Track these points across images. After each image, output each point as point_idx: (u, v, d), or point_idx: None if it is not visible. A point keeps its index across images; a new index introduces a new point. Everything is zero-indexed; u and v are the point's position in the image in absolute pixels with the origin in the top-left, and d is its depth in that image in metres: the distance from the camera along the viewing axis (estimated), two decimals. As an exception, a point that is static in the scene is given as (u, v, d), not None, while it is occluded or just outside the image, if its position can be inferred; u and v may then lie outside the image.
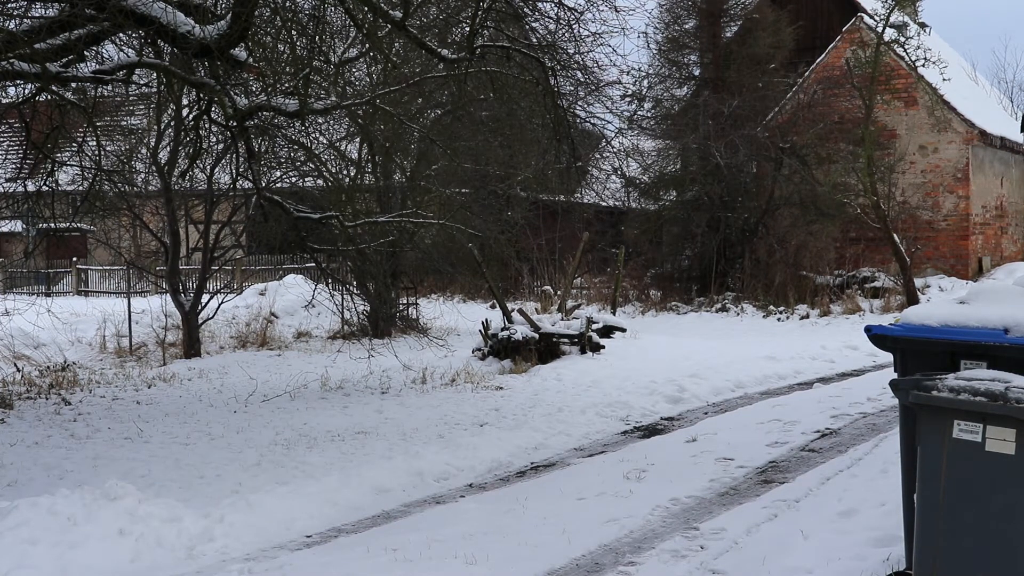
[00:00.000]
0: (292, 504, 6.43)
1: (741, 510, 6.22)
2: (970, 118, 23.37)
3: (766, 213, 22.71)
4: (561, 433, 8.87)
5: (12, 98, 11.01)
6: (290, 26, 9.05)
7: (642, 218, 25.48)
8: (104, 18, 7.31)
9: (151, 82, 12.92)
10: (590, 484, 6.95)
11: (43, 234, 17.23)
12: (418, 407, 10.27)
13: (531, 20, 12.26)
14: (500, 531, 5.84)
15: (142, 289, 21.30)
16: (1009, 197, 25.89)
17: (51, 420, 10.06)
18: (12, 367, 13.14)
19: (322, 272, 14.63)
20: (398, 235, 14.74)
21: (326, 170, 16.26)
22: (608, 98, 21.85)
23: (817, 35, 26.14)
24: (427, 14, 11.88)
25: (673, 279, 24.09)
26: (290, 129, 13.32)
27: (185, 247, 18.47)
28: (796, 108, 23.41)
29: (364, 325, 16.90)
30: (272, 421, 9.71)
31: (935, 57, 19.74)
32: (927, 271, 23.00)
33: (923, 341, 4.52)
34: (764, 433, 8.69)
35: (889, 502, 5.62)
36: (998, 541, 3.86)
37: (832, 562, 4.97)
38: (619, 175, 25.92)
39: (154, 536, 5.74)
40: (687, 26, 24.89)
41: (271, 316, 18.08)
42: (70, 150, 12.81)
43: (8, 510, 5.79)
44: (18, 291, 24.78)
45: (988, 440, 3.86)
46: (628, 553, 5.42)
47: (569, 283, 16.15)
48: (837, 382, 11.85)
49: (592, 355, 13.27)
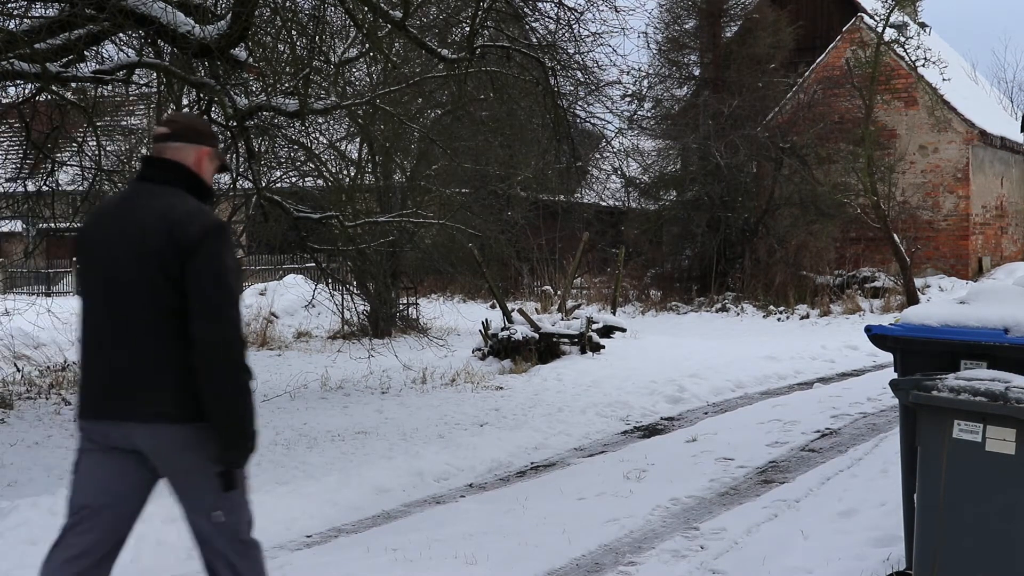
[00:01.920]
0: (292, 504, 6.43)
1: (741, 510, 6.23)
2: (970, 118, 23.38)
3: (766, 213, 22.72)
4: (561, 433, 8.87)
5: (12, 98, 11.01)
6: (290, 26, 9.06)
7: (642, 218, 25.49)
8: (104, 18, 7.32)
9: (151, 82, 12.89)
10: (590, 484, 6.95)
11: (43, 234, 17.20)
12: (418, 407, 10.27)
13: (531, 20, 12.27)
14: (500, 531, 5.84)
15: (142, 289, 21.26)
16: (1009, 197, 25.89)
17: (51, 420, 10.06)
18: (12, 367, 13.13)
19: (322, 272, 14.62)
20: (398, 235, 14.76)
21: (326, 170, 16.26)
22: (608, 98, 21.81)
23: (817, 35, 26.14)
24: (427, 14, 11.89)
25: (673, 279, 24.10)
26: (290, 129, 13.32)
27: (185, 247, 18.44)
28: (796, 108, 23.41)
29: (364, 325, 16.90)
30: (272, 421, 9.70)
31: (935, 57, 19.75)
32: (927, 271, 23.01)
33: (923, 341, 4.52)
34: (764, 433, 8.70)
35: (889, 502, 5.62)
36: (998, 541, 3.86)
37: (832, 562, 4.97)
38: (619, 175, 25.93)
39: (154, 536, 5.73)
40: (687, 26, 24.91)
41: (271, 316, 18.08)
42: (70, 150, 12.80)
43: (8, 510, 5.79)
44: (18, 291, 24.78)
45: (988, 440, 3.86)
46: (628, 553, 5.42)
47: (569, 283, 16.16)
48: (837, 382, 11.86)
49: (592, 355, 13.27)
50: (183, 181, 3.49)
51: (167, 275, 3.31)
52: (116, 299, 3.39)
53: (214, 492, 3.41)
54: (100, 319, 3.44)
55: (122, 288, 3.37)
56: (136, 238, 3.36)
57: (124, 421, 3.36)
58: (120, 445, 3.41)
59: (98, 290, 3.45)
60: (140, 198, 3.48)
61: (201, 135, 3.60)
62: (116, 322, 3.38)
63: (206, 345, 3.29)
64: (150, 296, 3.34)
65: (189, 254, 3.30)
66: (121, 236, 3.40)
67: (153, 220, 3.36)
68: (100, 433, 3.43)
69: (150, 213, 3.38)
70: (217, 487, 3.39)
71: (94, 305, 3.47)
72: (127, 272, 3.36)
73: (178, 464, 3.42)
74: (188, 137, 3.55)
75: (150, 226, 3.35)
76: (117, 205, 3.62)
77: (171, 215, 3.35)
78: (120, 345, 3.37)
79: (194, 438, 3.35)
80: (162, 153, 3.52)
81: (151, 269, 3.32)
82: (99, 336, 3.44)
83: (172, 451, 3.39)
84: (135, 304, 3.35)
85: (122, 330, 3.37)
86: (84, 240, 3.54)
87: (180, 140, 3.53)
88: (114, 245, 3.40)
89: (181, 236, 3.30)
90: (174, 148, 3.52)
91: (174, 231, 3.31)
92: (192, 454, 3.37)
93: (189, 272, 3.30)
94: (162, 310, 3.33)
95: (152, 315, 3.34)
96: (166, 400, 3.33)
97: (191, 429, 3.34)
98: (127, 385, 3.35)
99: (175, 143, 3.52)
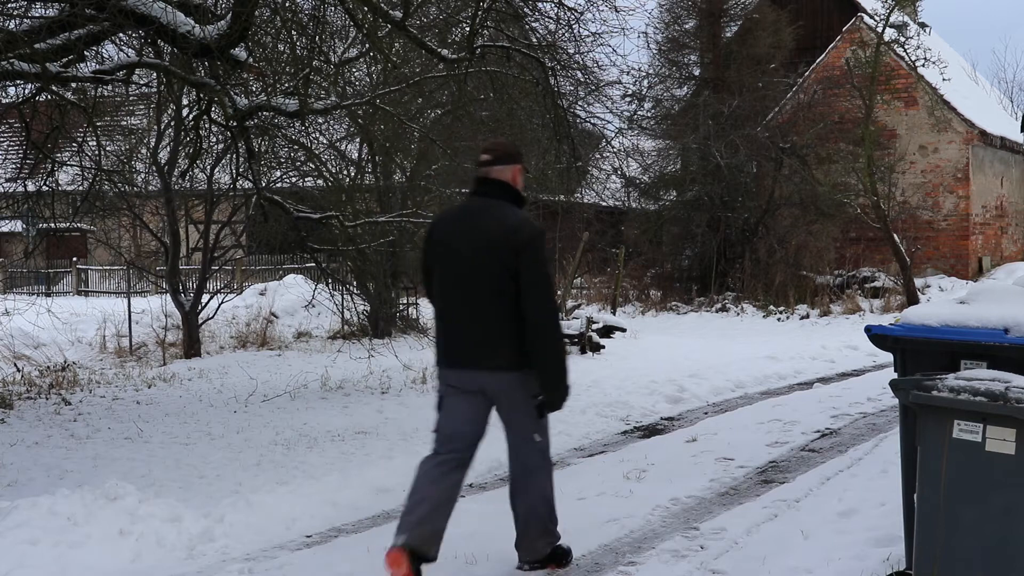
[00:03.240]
0: (292, 504, 6.43)
1: (741, 510, 6.23)
2: (970, 118, 23.38)
3: (766, 213, 22.71)
4: (561, 433, 8.85)
5: (12, 98, 11.01)
6: (290, 26, 9.06)
7: (642, 218, 25.49)
8: (104, 18, 7.32)
9: (151, 82, 12.91)
10: (590, 484, 6.95)
11: (43, 234, 17.21)
12: (418, 407, 10.26)
13: (531, 20, 12.28)
14: (500, 531, 5.83)
15: (142, 289, 21.29)
16: (1009, 197, 25.89)
17: (51, 420, 10.06)
18: (12, 367, 13.14)
19: (322, 272, 14.62)
20: (398, 235, 14.74)
21: (326, 170, 16.26)
22: (608, 98, 21.82)
23: (817, 35, 26.14)
24: (427, 14, 11.88)
25: (673, 279, 24.09)
26: (290, 129, 13.33)
27: (185, 247, 18.45)
28: (796, 108, 23.42)
29: (364, 325, 16.89)
30: (272, 421, 9.70)
31: (935, 57, 19.76)
32: (927, 271, 23.01)
33: (923, 341, 4.52)
34: (764, 433, 8.69)
35: (889, 502, 5.62)
36: (998, 541, 3.86)
37: (832, 562, 4.97)
38: (619, 175, 25.91)
39: (154, 536, 5.74)
40: (687, 26, 24.91)
41: (271, 316, 18.07)
42: (70, 150, 12.81)
43: (8, 510, 5.79)
44: (18, 291, 24.79)
45: (988, 440, 3.86)
46: (628, 553, 5.42)
47: (569, 283, 16.16)
48: (837, 382, 11.86)
49: (592, 355, 13.28)
50: (507, 194, 4.82)
51: (505, 267, 4.63)
52: (468, 284, 4.73)
53: (533, 420, 4.82)
54: (456, 297, 4.78)
55: (472, 276, 4.71)
56: (483, 240, 4.69)
57: (475, 370, 4.75)
58: (471, 388, 4.80)
59: (454, 277, 4.79)
60: (482, 210, 4.82)
61: (513, 156, 4.91)
62: (468, 299, 4.72)
63: (535, 319, 4.65)
64: (493, 282, 4.65)
65: (520, 252, 4.62)
66: (471, 238, 4.72)
67: (495, 227, 4.69)
68: (457, 379, 4.83)
69: (492, 221, 4.72)
70: (535, 416, 4.81)
71: (450, 287, 4.81)
72: (476, 264, 4.69)
73: (511, 399, 4.79)
74: (505, 160, 4.86)
75: (493, 231, 4.68)
76: (466, 214, 4.92)
77: (507, 223, 4.70)
78: (472, 317, 4.72)
79: (522, 381, 4.73)
80: (488, 174, 4.84)
81: (494, 263, 4.65)
82: (455, 309, 4.80)
83: (508, 390, 4.77)
84: (482, 287, 4.68)
85: (473, 305, 4.71)
86: (440, 239, 4.88)
87: (501, 163, 4.85)
88: (465, 245, 4.73)
89: (515, 239, 4.64)
90: (498, 169, 4.83)
91: (510, 236, 4.65)
92: (521, 392, 4.76)
93: (520, 265, 4.61)
94: (501, 291, 4.65)
95: (495, 295, 4.66)
96: (504, 355, 4.69)
97: (520, 375, 4.72)
98: (477, 345, 4.72)
99: (498, 165, 4.84)
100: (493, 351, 4.69)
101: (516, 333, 4.65)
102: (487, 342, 4.70)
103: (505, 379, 4.72)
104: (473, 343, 4.73)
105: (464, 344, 4.76)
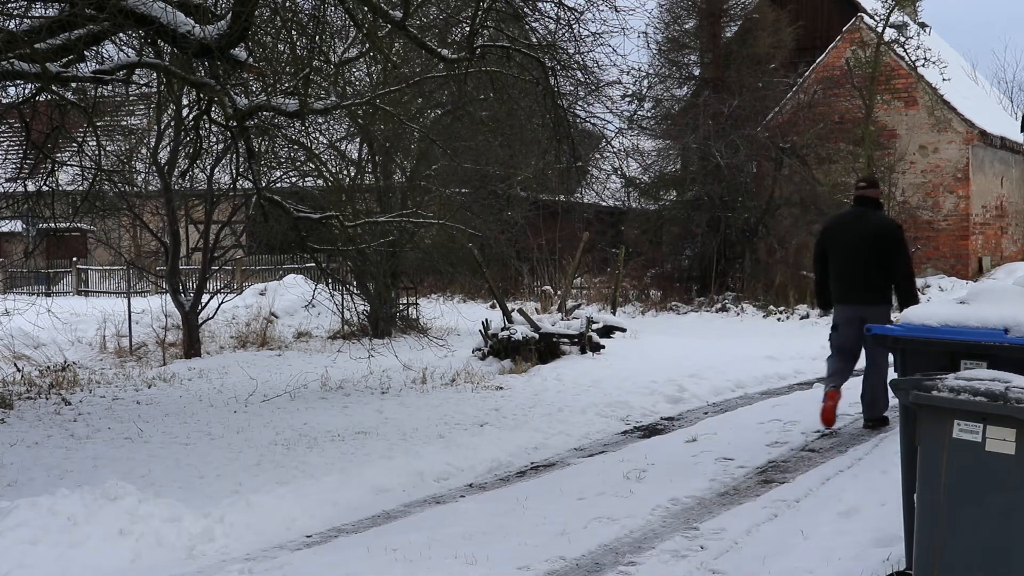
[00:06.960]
0: (292, 504, 6.43)
1: (741, 510, 6.22)
2: (970, 118, 23.38)
3: (766, 213, 22.71)
4: (561, 433, 8.87)
5: (12, 98, 11.00)
6: (290, 26, 9.06)
7: (642, 218, 25.48)
8: (104, 18, 7.32)
9: (151, 82, 12.91)
10: (590, 484, 6.95)
11: (43, 234, 17.21)
12: (418, 407, 10.27)
13: (531, 20, 12.26)
14: (500, 531, 5.84)
15: (142, 289, 21.29)
16: (1009, 197, 25.89)
17: (51, 420, 10.06)
18: (12, 367, 13.14)
19: (322, 272, 14.61)
20: (398, 235, 14.76)
21: (326, 170, 16.27)
22: (608, 98, 21.87)
23: (817, 35, 26.14)
24: (427, 14, 11.88)
25: (673, 279, 24.08)
26: (290, 129, 13.33)
27: (185, 247, 18.47)
28: (796, 108, 23.41)
29: (364, 325, 16.90)
30: (272, 421, 9.70)
31: (935, 57, 19.77)
32: (927, 271, 23.01)
33: (923, 341, 4.52)
34: (764, 433, 8.69)
35: (889, 502, 5.61)
36: (998, 541, 3.86)
37: (832, 562, 4.97)
38: (619, 175, 25.91)
39: (154, 536, 5.74)
40: (687, 26, 24.89)
41: (271, 316, 18.08)
42: (70, 150, 12.80)
43: (8, 510, 5.79)
44: (18, 291, 24.79)
45: (988, 440, 3.86)
46: (628, 553, 5.42)
47: (569, 283, 16.16)
48: (837, 382, 11.83)
49: (592, 355, 13.27)
50: (876, 206, 8.65)
51: (880, 250, 8.24)
52: (854, 260, 8.35)
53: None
54: (846, 268, 8.41)
55: (858, 255, 8.32)
56: (868, 233, 8.34)
57: (856, 305, 8.31)
58: (852, 317, 8.29)
59: (845, 257, 8.42)
60: (865, 215, 8.50)
61: (875, 185, 8.88)
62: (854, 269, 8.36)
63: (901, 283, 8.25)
64: (872, 259, 8.26)
65: (891, 240, 8.27)
66: (860, 231, 8.39)
67: (875, 224, 8.42)
68: (846, 310, 8.43)
69: (873, 221, 8.46)
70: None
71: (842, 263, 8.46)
72: (862, 248, 8.31)
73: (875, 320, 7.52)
74: (873, 186, 8.79)
75: (873, 226, 8.38)
76: (854, 216, 8.60)
77: (882, 222, 8.50)
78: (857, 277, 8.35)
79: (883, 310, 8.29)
80: (864, 192, 8.60)
81: (874, 248, 8.26)
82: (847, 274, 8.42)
83: (874, 316, 7.89)
84: (865, 262, 8.29)
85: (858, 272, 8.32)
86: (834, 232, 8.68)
87: (870, 188, 8.68)
88: (856, 237, 8.37)
89: (887, 232, 8.34)
90: (870, 191, 8.64)
91: (883, 230, 8.35)
92: (883, 316, 8.16)
93: (890, 249, 8.24)
94: (877, 264, 8.25)
95: (872, 266, 8.27)
96: (875, 297, 8.31)
97: (882, 307, 8.31)
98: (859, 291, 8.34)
99: (869, 190, 8.64)
100: (868, 295, 8.27)
101: (879, 286, 8.28)
102: (865, 290, 8.29)
103: (872, 309, 8.16)
104: (858, 290, 8.32)
105: (851, 292, 8.36)
